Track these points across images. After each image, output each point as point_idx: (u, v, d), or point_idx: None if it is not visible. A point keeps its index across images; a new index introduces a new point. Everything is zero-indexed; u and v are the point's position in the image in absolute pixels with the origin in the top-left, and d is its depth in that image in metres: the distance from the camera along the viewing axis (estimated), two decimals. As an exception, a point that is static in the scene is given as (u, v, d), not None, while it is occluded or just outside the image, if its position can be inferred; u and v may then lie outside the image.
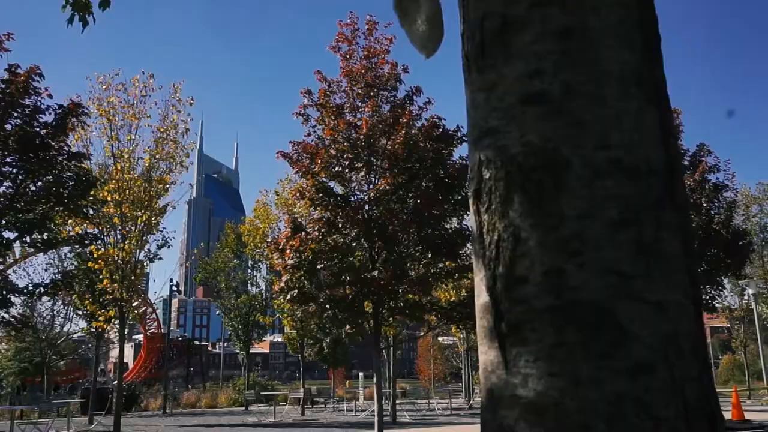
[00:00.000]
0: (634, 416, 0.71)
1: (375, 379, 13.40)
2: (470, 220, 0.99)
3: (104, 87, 17.35)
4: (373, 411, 12.90)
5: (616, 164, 0.88)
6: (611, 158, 0.88)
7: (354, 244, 13.21)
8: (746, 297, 30.65)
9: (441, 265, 14.41)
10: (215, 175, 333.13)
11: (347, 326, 13.99)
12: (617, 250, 0.83)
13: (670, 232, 0.86)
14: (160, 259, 18.74)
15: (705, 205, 14.85)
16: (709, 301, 16.01)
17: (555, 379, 0.80)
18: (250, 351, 37.16)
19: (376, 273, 12.29)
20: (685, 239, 0.86)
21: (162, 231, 18.20)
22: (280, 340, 71.32)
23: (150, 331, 60.32)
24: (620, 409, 0.73)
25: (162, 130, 17.66)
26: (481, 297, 0.92)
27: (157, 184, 17.41)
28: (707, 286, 15.63)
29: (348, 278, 12.56)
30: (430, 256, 13.50)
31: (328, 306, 14.04)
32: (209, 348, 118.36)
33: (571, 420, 0.76)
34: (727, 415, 17.95)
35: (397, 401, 25.14)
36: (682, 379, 0.73)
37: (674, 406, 0.71)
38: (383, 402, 15.57)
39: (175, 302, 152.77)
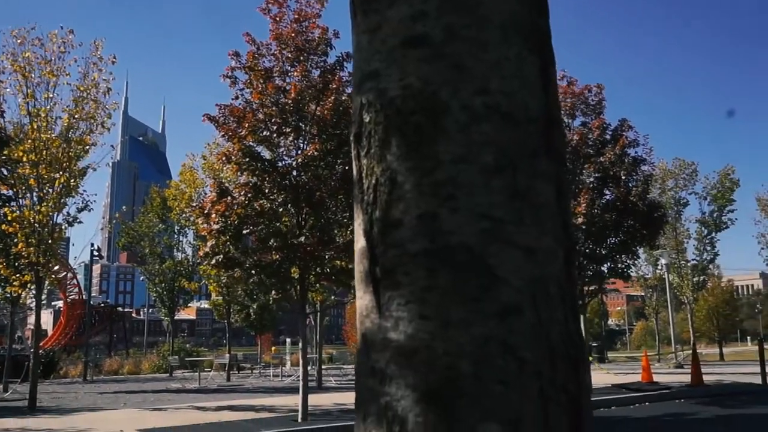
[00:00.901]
0: (499, 358, 0.72)
1: (301, 344, 13.43)
2: (352, 166, 0.98)
3: (19, 41, 16.48)
4: (299, 376, 12.95)
5: (494, 110, 0.88)
6: (489, 104, 0.88)
7: (281, 210, 13.08)
8: (659, 267, 32.05)
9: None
10: (141, 138, 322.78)
11: (274, 292, 13.93)
12: (491, 195, 0.84)
13: (545, 179, 0.86)
14: (80, 222, 18.16)
15: (624, 177, 15.40)
16: (625, 270, 16.71)
17: (425, 322, 0.80)
18: (176, 317, 36.61)
19: (303, 239, 12.24)
20: (559, 187, 0.87)
21: (82, 194, 17.59)
22: (206, 306, 70.50)
23: (70, 297, 58.41)
24: (487, 351, 0.74)
25: (82, 89, 16.93)
26: (359, 242, 0.92)
27: (76, 145, 16.74)
28: (623, 256, 16.31)
29: (275, 244, 12.46)
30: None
31: (254, 271, 13.92)
32: (133, 314, 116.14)
33: (440, 362, 0.77)
34: (637, 378, 18.88)
35: (324, 366, 25.31)
36: (548, 323, 0.75)
37: (539, 349, 0.73)
38: (310, 367, 15.65)
39: (97, 268, 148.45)
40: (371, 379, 0.84)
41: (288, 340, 40.12)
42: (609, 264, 16.34)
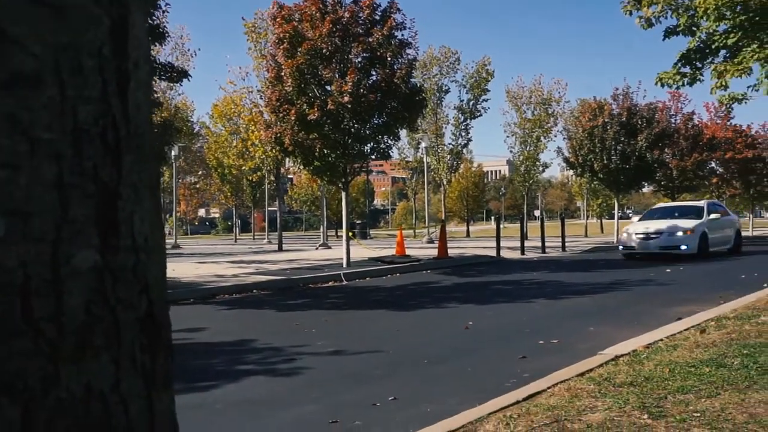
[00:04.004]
0: (5, 137, 0.59)
1: None
2: None
3: None
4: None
5: None
6: None
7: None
8: (420, 150, 34.07)
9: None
10: None
11: None
12: None
13: None
14: None
15: (390, 59, 15.73)
16: (386, 150, 17.49)
17: None
18: None
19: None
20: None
21: None
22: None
23: None
24: None
25: None
26: None
27: None
28: (386, 136, 16.99)
29: None
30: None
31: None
32: None
33: None
34: (392, 252, 20.33)
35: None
36: (76, 99, 0.62)
37: (60, 128, 0.61)
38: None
39: None
40: None
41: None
42: (372, 144, 16.94)
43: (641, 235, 19.15)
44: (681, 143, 29.96)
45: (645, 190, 37.75)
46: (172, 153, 29.73)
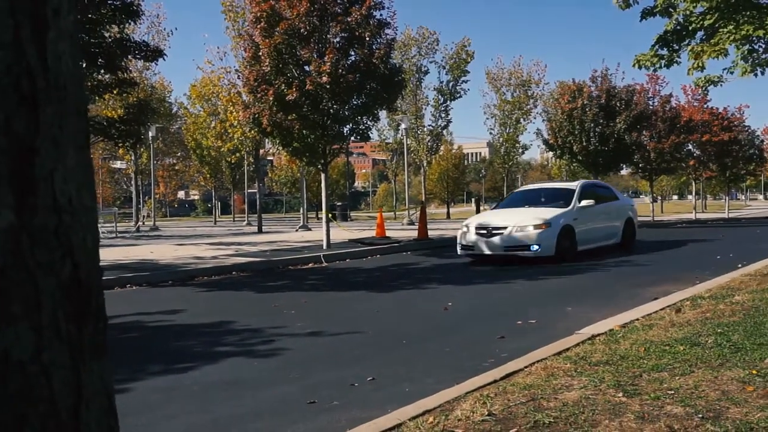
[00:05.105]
0: None
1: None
2: None
3: None
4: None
5: None
6: None
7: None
8: (400, 132, 33.98)
9: (98, 77, 13.22)
10: None
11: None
12: None
13: None
14: None
15: (368, 39, 15.57)
16: (366, 131, 17.41)
17: None
18: None
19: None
20: None
21: None
22: None
23: None
24: None
25: None
26: None
27: None
28: (365, 117, 16.88)
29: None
30: (84, 66, 12.20)
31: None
32: None
33: None
34: (373, 234, 20.30)
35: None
36: None
37: None
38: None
39: None
40: None
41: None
42: (351, 125, 16.83)
43: (482, 231, 13.90)
44: (659, 125, 30.10)
45: (623, 172, 38.00)
46: (150, 134, 29.36)
